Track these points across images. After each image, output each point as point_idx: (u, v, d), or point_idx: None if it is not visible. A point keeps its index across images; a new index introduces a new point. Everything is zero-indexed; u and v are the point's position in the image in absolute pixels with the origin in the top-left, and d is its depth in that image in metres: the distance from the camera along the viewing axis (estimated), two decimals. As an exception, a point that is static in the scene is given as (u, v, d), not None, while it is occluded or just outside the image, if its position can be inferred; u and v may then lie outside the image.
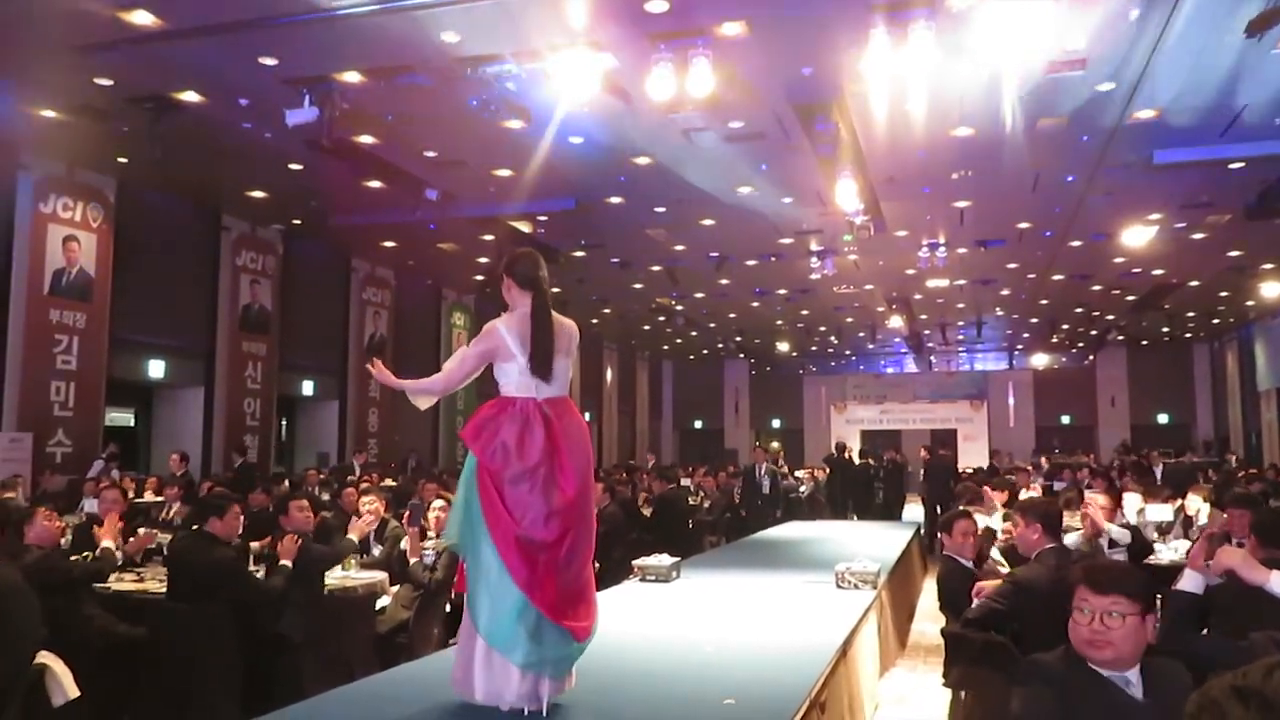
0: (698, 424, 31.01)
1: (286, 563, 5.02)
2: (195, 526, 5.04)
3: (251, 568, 5.44)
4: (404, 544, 6.00)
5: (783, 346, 25.23)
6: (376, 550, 6.78)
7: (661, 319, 21.30)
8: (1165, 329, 23.83)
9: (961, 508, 6.38)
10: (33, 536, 4.89)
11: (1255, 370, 22.38)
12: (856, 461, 17.25)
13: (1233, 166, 10.25)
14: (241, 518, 5.25)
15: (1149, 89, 8.36)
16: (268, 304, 13.65)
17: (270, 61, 7.89)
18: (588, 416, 24.37)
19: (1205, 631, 2.98)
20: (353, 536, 5.77)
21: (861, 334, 24.23)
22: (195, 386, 12.96)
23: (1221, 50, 7.56)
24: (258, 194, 11.95)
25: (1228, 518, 5.01)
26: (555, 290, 16.43)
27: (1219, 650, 2.62)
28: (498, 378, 3.41)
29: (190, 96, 8.64)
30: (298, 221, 13.43)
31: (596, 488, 3.56)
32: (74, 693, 3.78)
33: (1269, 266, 16.14)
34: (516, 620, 3.13)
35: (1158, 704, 2.30)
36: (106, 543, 5.26)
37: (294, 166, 10.63)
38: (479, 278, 17.16)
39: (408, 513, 6.27)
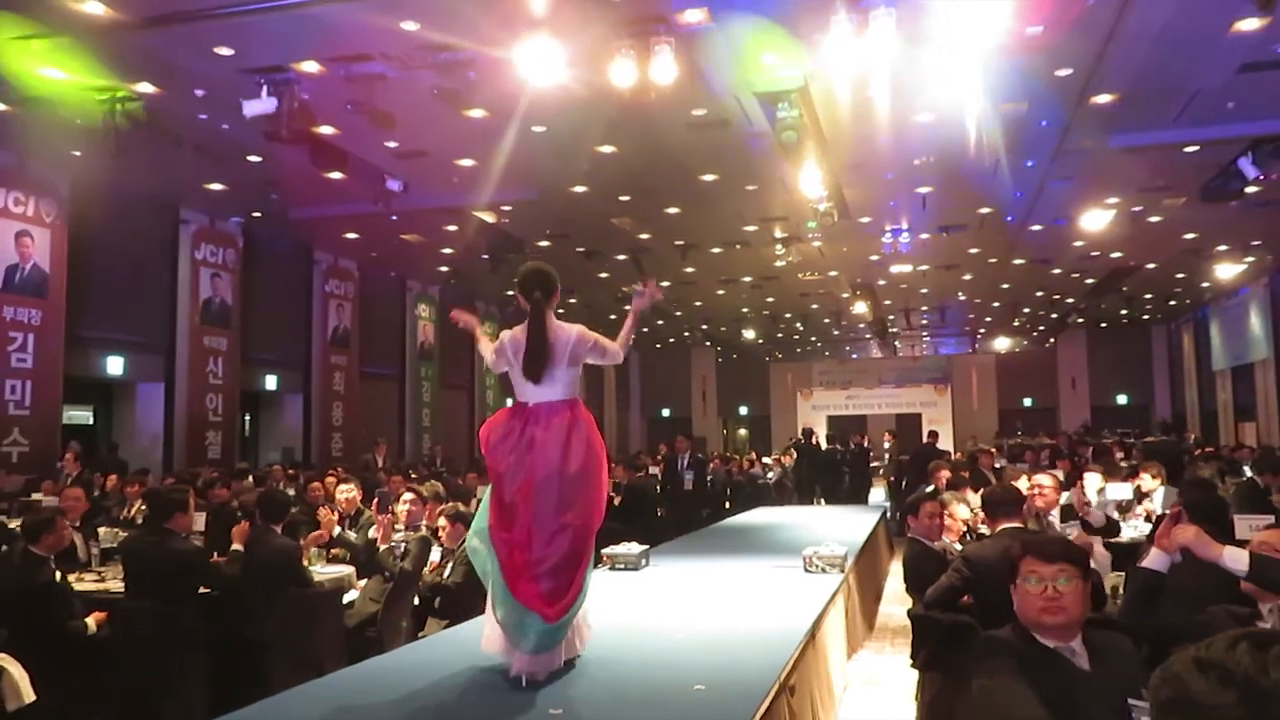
0: (665, 412, 31.07)
1: (238, 546, 5.02)
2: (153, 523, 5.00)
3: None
4: (373, 531, 5.99)
5: (749, 334, 25.33)
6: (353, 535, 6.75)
7: (628, 308, 21.22)
8: (1124, 312, 24.23)
9: (930, 489, 6.49)
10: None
11: (1211, 351, 22.82)
12: (824, 447, 17.38)
13: (1187, 150, 10.41)
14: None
15: (1106, 74, 8.47)
16: (228, 298, 13.47)
17: (226, 52, 7.76)
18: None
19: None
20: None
21: (827, 320, 24.38)
22: (155, 382, 12.77)
23: (1176, 35, 7.67)
24: (216, 187, 11.78)
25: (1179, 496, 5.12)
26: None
27: (1179, 625, 2.69)
28: (511, 381, 3.79)
29: (145, 88, 8.49)
30: (258, 214, 13.26)
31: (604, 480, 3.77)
32: (30, 697, 3.72)
33: (1223, 248, 16.44)
34: (494, 592, 3.56)
35: (1102, 672, 2.39)
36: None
37: (253, 158, 10.49)
38: (444, 268, 17.06)
39: (376, 500, 6.25)
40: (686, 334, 26.38)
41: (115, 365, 12.23)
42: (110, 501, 9.16)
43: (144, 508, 6.76)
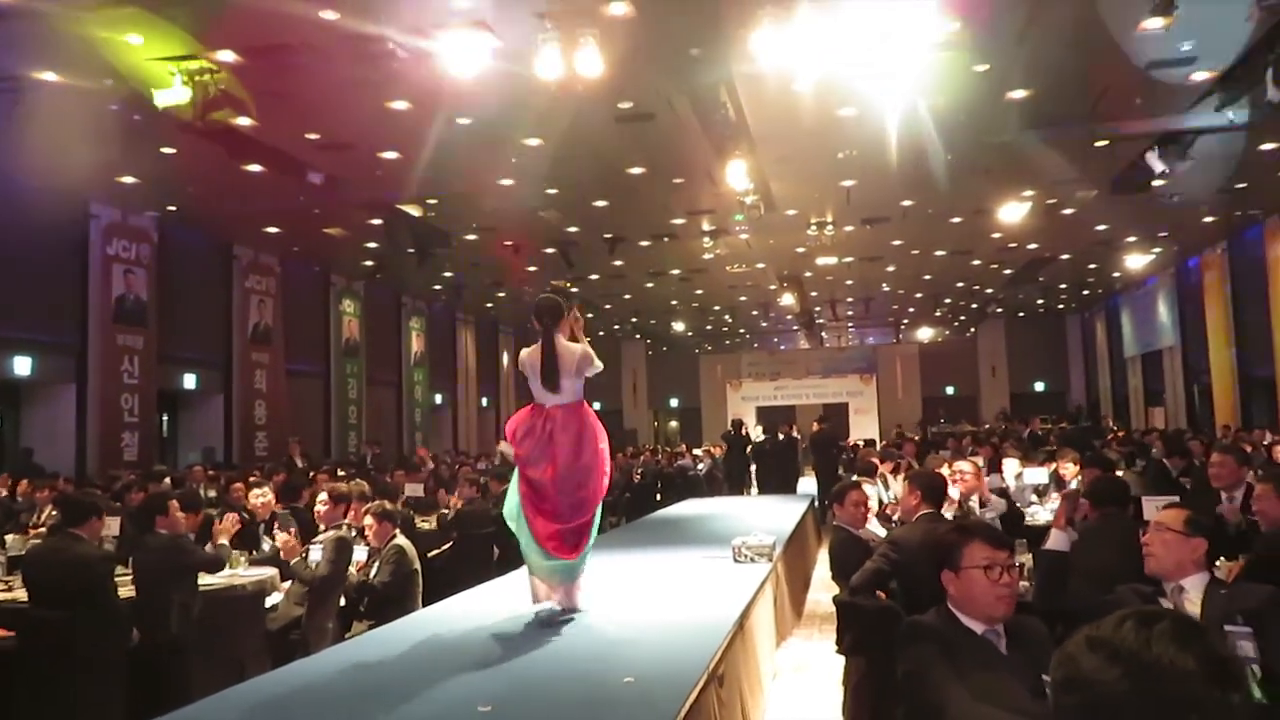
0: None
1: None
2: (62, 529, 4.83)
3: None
4: (279, 540, 5.85)
5: (678, 326, 25.46)
6: (267, 545, 6.60)
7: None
8: (1040, 301, 25.00)
9: (855, 479, 6.60)
10: None
11: (1122, 338, 23.65)
12: (754, 438, 17.57)
13: (1098, 144, 10.75)
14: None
15: (1021, 70, 8.70)
16: (143, 294, 13.04)
17: (136, 40, 7.50)
18: (484, 402, 24.16)
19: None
20: (224, 542, 5.65)
21: (755, 312, 24.62)
22: (67, 383, 12.32)
23: (1086, 33, 7.90)
24: (128, 180, 11.38)
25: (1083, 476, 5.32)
26: (448, 275, 16.14)
27: (1088, 605, 2.77)
28: (530, 388, 4.73)
29: (50, 77, 8.16)
30: (173, 208, 12.85)
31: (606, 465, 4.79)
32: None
33: (1132, 239, 17.05)
34: (527, 548, 4.60)
35: (1018, 654, 2.47)
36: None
37: (166, 150, 10.16)
38: (369, 263, 16.78)
39: (276, 522, 6.14)
40: (616, 327, 26.40)
41: (23, 366, 11.75)
42: (20, 507, 8.84)
43: (55, 513, 6.52)
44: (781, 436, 17.06)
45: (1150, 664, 1.15)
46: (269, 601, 5.67)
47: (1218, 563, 3.92)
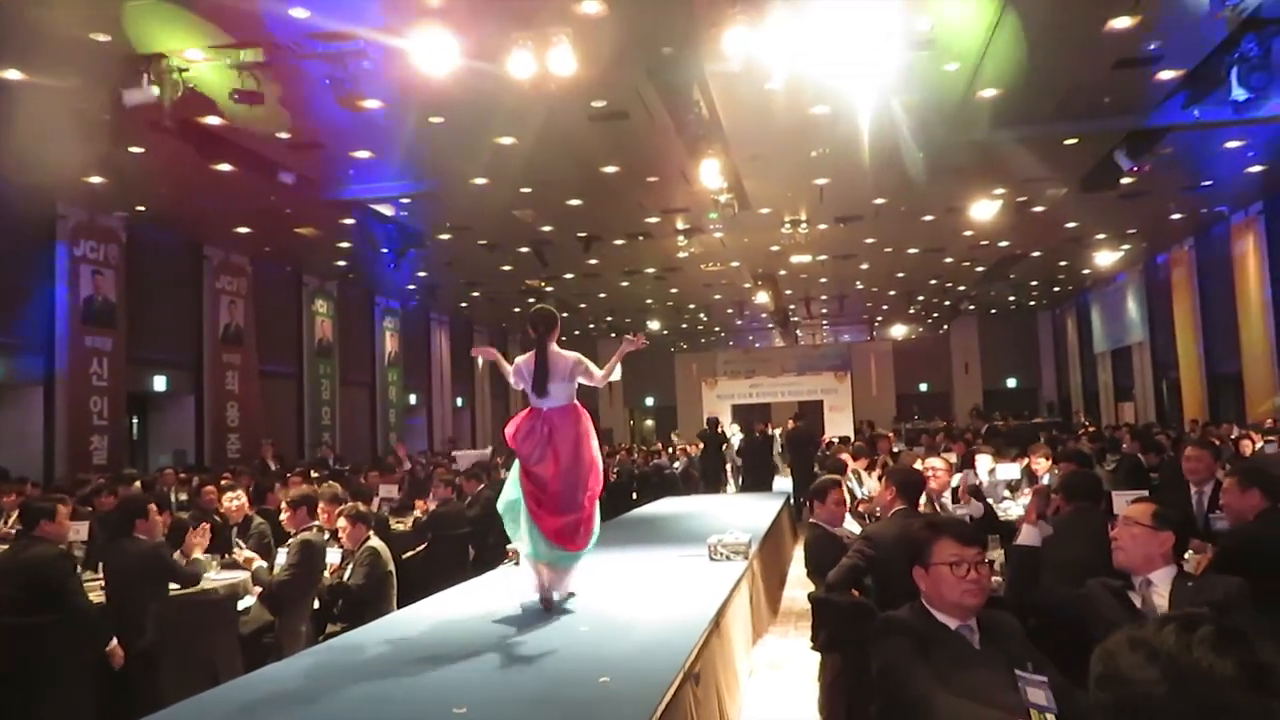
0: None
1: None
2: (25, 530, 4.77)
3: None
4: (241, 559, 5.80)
5: (654, 325, 25.45)
6: (239, 548, 6.54)
7: (532, 301, 21.15)
8: (1012, 298, 25.22)
9: (831, 476, 6.62)
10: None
11: (1092, 335, 23.91)
12: (729, 436, 17.60)
13: (1067, 142, 10.86)
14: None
15: (990, 69, 8.77)
16: (112, 295, 12.86)
17: (104, 38, 7.40)
18: (459, 402, 24.06)
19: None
20: (199, 557, 5.59)
21: (730, 310, 24.67)
22: (34, 385, 12.13)
23: (1054, 32, 7.98)
24: (96, 179, 11.23)
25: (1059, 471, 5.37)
26: (423, 274, 15.98)
27: (1060, 599, 2.80)
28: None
29: (13, 75, 8.04)
30: (142, 208, 12.69)
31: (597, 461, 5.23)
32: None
33: (1102, 237, 17.24)
34: (534, 540, 4.89)
35: (991, 648, 2.50)
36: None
37: (135, 150, 10.04)
38: (341, 263, 16.66)
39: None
40: (591, 326, 26.36)
41: (-12, 368, 11.59)
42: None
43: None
44: (758, 434, 17.11)
45: (1189, 667, 1.16)
46: (241, 605, 5.62)
47: (1186, 555, 3.97)
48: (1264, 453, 9.78)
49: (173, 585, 5.21)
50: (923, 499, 4.97)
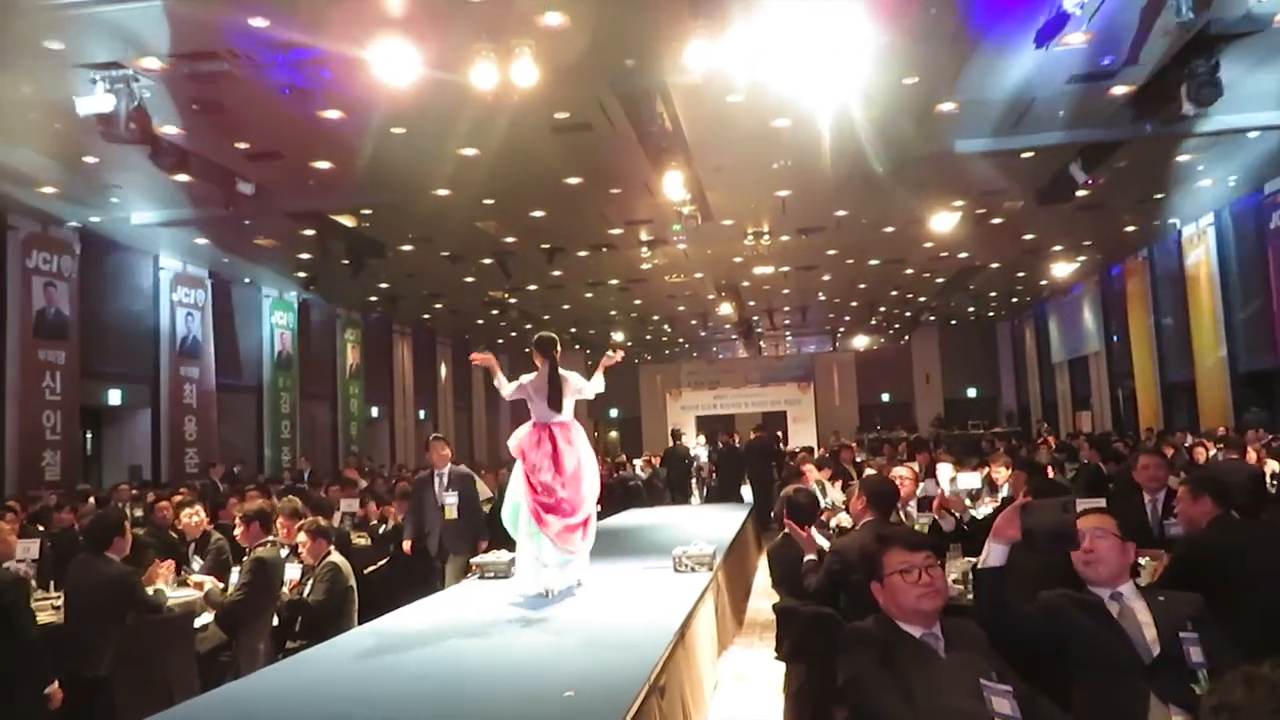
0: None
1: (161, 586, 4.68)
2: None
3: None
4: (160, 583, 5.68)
5: (618, 336, 25.46)
6: (197, 565, 6.43)
7: (495, 312, 21.08)
8: (971, 309, 25.55)
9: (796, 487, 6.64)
10: None
11: (1050, 345, 24.27)
12: (690, 449, 17.66)
13: (1025, 155, 11.03)
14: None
15: (949, 83, 8.89)
16: (65, 308, 12.61)
17: (57, 46, 7.28)
18: (422, 415, 23.86)
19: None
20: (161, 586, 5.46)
21: (694, 322, 24.73)
22: (-17, 400, 11.86)
23: (1011, 47, 8.10)
24: (48, 190, 11.02)
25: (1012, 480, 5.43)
26: (384, 286, 15.92)
27: (1036, 629, 2.73)
28: (530, 408, 5.84)
29: (-38, 83, 7.88)
30: (96, 219, 12.47)
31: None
32: None
33: (1058, 248, 17.52)
34: (538, 543, 5.54)
35: (956, 657, 2.50)
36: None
37: (89, 159, 9.88)
38: (302, 274, 16.47)
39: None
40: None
41: (-64, 382, 11.30)
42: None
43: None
44: (722, 445, 17.17)
45: None
46: (198, 622, 5.51)
47: (1142, 561, 4.03)
48: (1217, 460, 9.96)
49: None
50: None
